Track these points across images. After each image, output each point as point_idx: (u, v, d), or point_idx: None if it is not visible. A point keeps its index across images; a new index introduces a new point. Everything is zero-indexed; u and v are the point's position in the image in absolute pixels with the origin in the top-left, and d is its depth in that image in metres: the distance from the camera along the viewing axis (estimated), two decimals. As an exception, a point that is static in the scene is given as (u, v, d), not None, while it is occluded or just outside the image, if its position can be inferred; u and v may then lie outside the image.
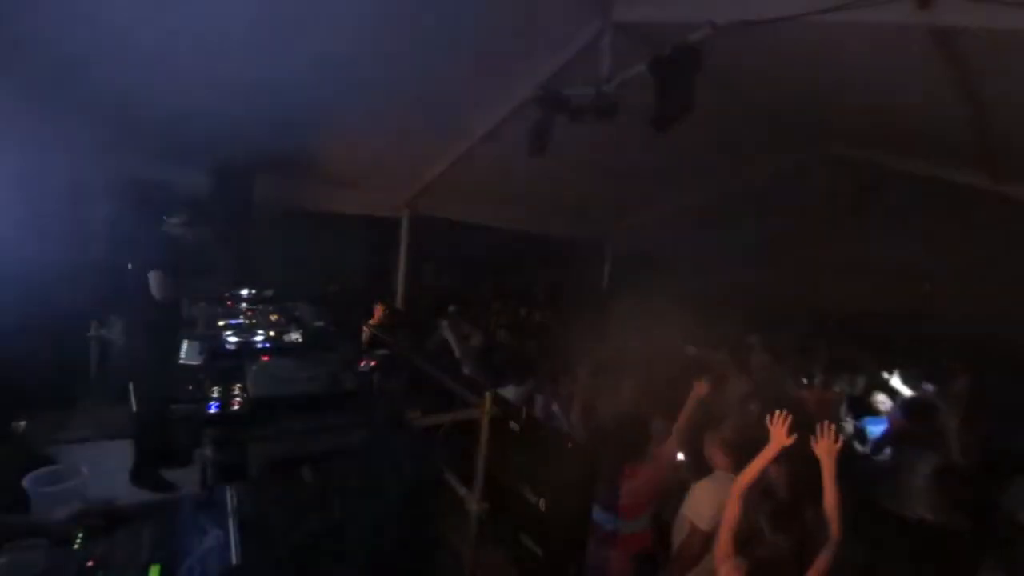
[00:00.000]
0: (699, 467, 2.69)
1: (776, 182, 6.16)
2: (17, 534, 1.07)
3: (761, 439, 2.03)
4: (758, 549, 1.79)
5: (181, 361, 2.38)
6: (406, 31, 3.29)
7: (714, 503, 2.26)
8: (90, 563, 1.02)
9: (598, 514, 2.55)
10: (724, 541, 1.90)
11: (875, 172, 5.47)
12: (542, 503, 2.62)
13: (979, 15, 2.16)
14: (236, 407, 1.77)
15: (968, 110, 3.24)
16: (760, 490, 2.13)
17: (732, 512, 1.92)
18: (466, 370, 4.01)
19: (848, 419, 4.04)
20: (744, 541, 1.85)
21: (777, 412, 2.00)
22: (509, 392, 3.41)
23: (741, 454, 2.29)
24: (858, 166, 5.49)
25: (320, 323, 3.14)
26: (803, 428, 1.98)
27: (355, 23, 3.16)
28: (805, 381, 4.16)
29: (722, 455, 2.48)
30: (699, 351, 5.04)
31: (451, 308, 5.24)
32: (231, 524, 1.18)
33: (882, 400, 4.22)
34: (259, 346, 2.58)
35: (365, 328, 4.72)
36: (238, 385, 1.92)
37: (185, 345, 2.49)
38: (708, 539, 2.26)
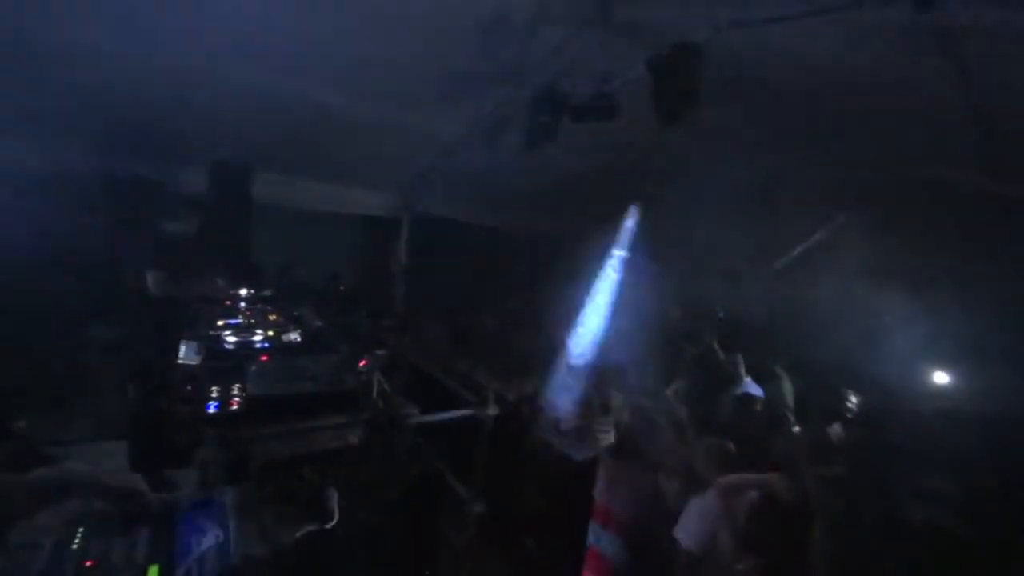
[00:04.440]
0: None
1: (775, 181, 6.15)
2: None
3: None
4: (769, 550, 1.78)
5: (180, 361, 2.37)
6: (406, 31, 3.29)
7: None
8: (89, 563, 1.02)
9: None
10: (726, 544, 1.89)
11: (875, 172, 5.45)
12: (542, 503, 2.62)
13: (979, 15, 2.17)
14: (235, 407, 1.77)
15: (968, 110, 3.24)
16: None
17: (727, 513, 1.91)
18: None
19: None
20: (750, 541, 1.84)
21: None
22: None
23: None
24: (857, 166, 5.48)
25: (319, 323, 3.14)
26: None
27: (355, 23, 3.16)
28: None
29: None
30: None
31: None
32: (230, 524, 1.17)
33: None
34: (258, 346, 2.57)
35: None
36: (237, 385, 1.92)
37: (184, 345, 2.48)
38: None
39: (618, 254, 8.11)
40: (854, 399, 3.96)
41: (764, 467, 2.30)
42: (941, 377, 4.79)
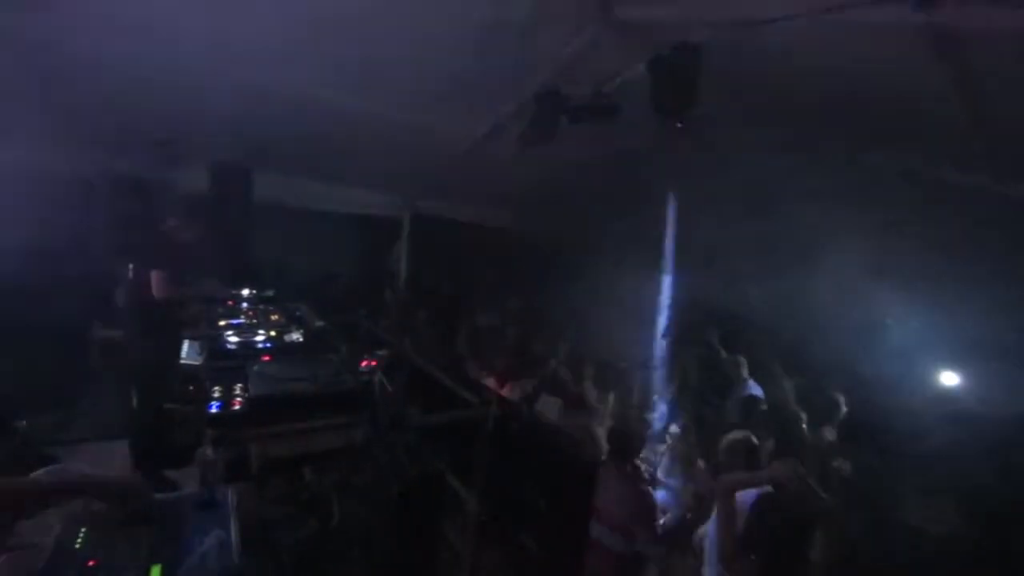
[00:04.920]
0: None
1: (775, 182, 6.15)
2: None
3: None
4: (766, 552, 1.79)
5: (182, 361, 2.38)
6: (406, 31, 3.29)
7: None
8: (90, 563, 1.02)
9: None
10: (726, 543, 1.90)
11: (875, 171, 5.46)
12: (542, 503, 2.62)
13: (979, 15, 2.17)
14: (237, 407, 1.78)
15: (969, 110, 3.25)
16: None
17: (726, 512, 1.93)
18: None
19: None
20: (747, 540, 1.85)
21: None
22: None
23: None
24: (858, 166, 5.49)
25: (321, 323, 3.14)
26: None
27: (355, 23, 3.16)
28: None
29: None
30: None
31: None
32: (232, 524, 1.17)
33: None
34: (260, 346, 2.59)
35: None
36: (239, 385, 1.92)
37: (186, 345, 2.49)
38: None
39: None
40: (843, 401, 3.99)
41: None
42: (941, 378, 4.80)
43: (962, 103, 3.15)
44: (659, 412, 4.27)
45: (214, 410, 1.77)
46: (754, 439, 2.55)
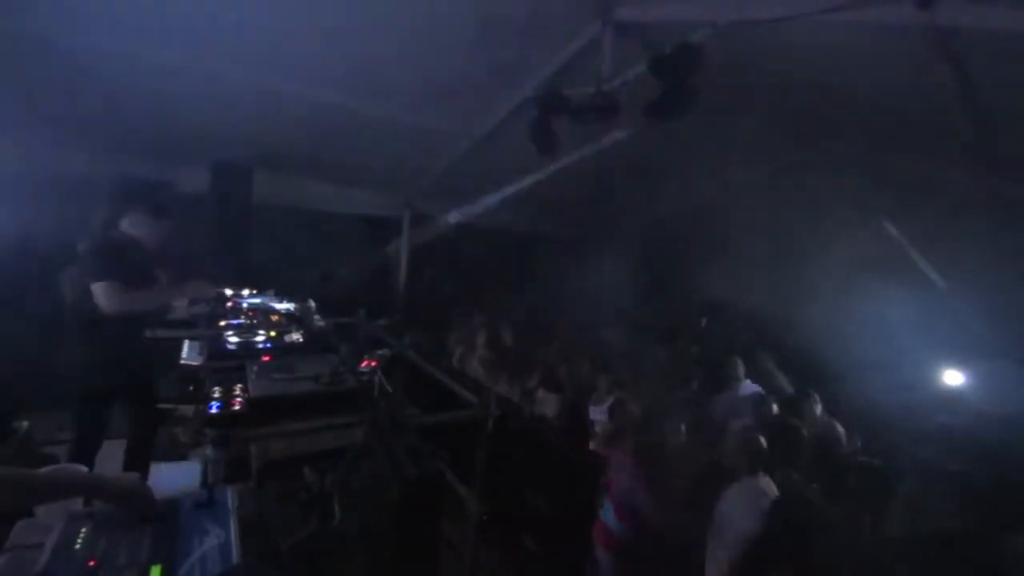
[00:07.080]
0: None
1: (775, 182, 6.16)
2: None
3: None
4: None
5: (182, 361, 2.38)
6: (407, 32, 3.29)
7: None
8: (91, 563, 1.02)
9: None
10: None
11: (874, 171, 5.46)
12: (542, 503, 2.63)
13: (979, 15, 2.17)
14: (237, 407, 1.78)
15: (968, 110, 3.24)
16: None
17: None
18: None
19: None
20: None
21: None
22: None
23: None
24: (857, 165, 5.49)
25: (321, 323, 3.14)
26: None
27: (355, 23, 3.16)
28: None
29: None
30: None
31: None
32: (232, 524, 1.18)
33: None
34: (260, 346, 2.59)
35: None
36: (239, 385, 1.93)
37: (186, 345, 2.48)
38: None
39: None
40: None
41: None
42: (939, 376, 4.80)
43: (962, 103, 3.15)
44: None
45: (214, 410, 1.77)
46: (762, 440, 2.54)
